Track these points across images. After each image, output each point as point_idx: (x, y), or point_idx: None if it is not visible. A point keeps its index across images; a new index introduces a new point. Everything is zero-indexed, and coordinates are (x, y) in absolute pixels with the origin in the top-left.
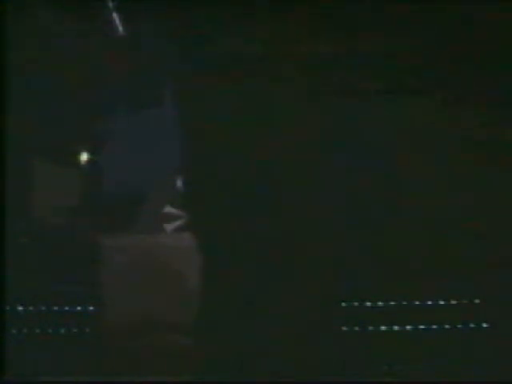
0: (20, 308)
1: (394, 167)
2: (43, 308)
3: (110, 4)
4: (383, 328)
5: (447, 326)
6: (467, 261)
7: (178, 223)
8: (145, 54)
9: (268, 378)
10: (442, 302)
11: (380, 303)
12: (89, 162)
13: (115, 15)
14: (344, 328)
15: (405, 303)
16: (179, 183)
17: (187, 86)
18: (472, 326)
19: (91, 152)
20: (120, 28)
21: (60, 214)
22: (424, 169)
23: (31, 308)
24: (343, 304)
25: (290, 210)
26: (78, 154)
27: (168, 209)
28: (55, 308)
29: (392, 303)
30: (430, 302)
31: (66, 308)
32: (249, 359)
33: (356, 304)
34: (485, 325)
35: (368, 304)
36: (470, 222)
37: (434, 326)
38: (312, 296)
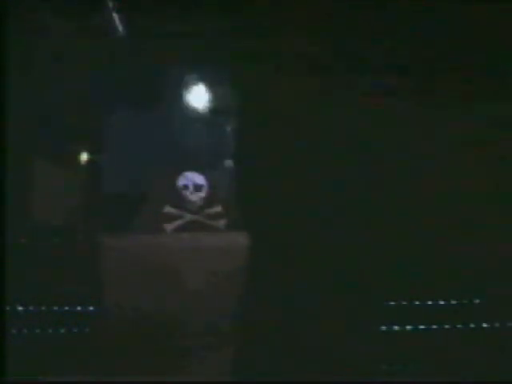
0: (20, 308)
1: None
2: (43, 308)
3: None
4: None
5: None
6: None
7: (177, 223)
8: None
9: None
10: (441, 302)
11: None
12: (90, 162)
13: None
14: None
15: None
16: None
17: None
18: (472, 326)
19: (93, 153)
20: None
21: (60, 214)
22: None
23: (31, 308)
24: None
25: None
26: (83, 154)
27: (168, 208)
28: (55, 308)
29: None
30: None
31: (66, 308)
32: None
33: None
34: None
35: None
36: None
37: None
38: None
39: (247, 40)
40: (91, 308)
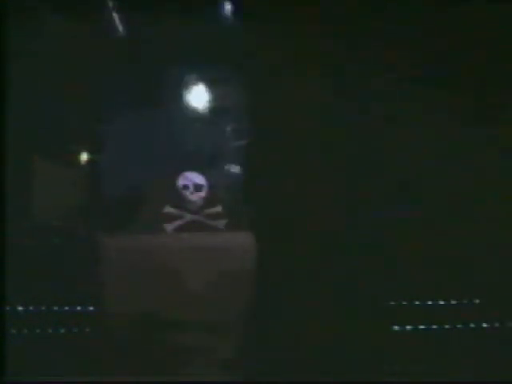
0: (20, 308)
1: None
2: (43, 308)
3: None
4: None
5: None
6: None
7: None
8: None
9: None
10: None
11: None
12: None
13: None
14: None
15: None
16: None
17: None
18: (472, 326)
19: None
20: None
21: (60, 214)
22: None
23: (31, 308)
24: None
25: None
26: (80, 153)
27: (168, 208)
28: (55, 308)
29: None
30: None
31: (66, 308)
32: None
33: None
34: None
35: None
36: None
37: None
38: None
39: None
40: (91, 308)
